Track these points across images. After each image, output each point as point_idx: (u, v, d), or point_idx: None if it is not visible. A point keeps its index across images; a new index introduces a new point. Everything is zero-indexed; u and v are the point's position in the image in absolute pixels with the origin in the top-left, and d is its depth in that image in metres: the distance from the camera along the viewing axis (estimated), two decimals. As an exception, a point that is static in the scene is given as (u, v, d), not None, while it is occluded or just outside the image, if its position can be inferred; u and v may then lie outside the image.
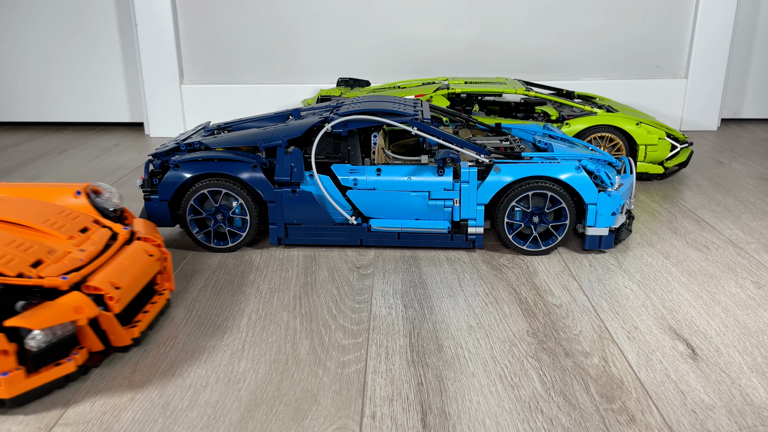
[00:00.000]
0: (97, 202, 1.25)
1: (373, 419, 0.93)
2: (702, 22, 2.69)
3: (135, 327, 1.10)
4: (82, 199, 1.25)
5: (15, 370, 0.93)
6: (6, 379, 0.92)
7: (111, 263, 1.09)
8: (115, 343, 1.07)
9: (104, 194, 1.28)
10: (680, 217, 1.74)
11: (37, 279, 0.98)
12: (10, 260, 0.99)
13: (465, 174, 1.46)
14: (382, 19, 2.74)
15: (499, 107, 2.21)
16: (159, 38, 2.71)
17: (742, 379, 1.02)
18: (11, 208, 1.14)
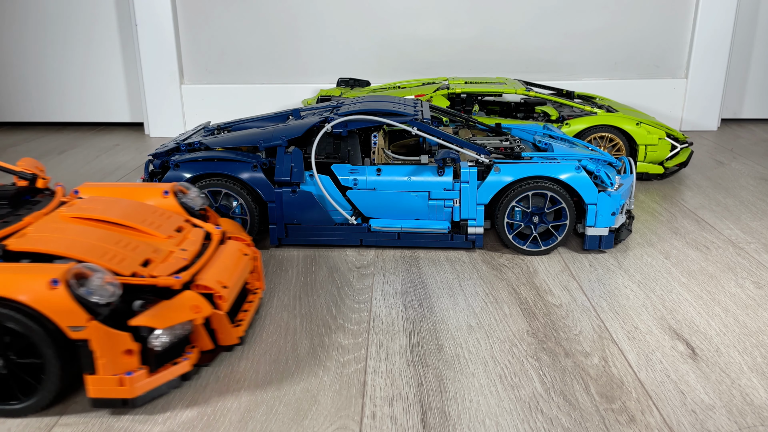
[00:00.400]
0: (185, 202, 1.24)
1: (373, 419, 0.93)
2: (702, 22, 2.69)
3: (240, 326, 1.10)
4: (170, 198, 1.23)
5: (138, 370, 0.92)
6: (131, 379, 0.91)
7: (213, 262, 1.08)
8: (223, 342, 1.05)
9: (190, 194, 1.26)
10: (680, 217, 1.74)
11: (150, 278, 0.97)
12: (122, 260, 0.98)
13: (465, 174, 1.46)
14: (382, 19, 2.74)
15: (499, 107, 2.21)
16: (159, 38, 2.71)
17: (742, 379, 1.02)
18: (109, 207, 1.12)
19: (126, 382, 0.91)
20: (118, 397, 0.92)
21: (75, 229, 1.04)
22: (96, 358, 0.89)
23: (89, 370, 0.90)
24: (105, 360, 0.90)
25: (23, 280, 0.88)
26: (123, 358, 0.90)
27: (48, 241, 0.99)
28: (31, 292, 0.87)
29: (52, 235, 1.01)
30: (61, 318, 0.87)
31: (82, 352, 0.89)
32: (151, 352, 0.93)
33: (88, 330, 0.88)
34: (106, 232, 1.05)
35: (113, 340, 0.89)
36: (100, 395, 0.92)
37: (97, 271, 0.91)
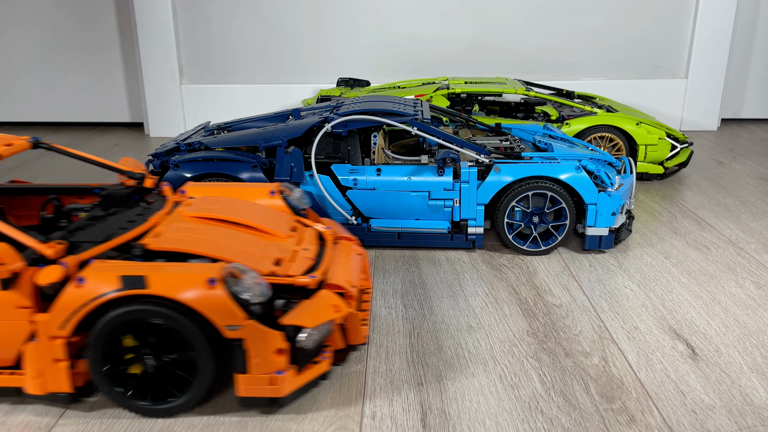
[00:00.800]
0: (290, 202, 1.23)
1: (373, 419, 0.93)
2: (702, 22, 2.69)
3: (365, 325, 1.09)
4: (277, 199, 1.22)
5: (287, 369, 0.92)
6: (282, 378, 0.91)
7: (335, 262, 1.07)
8: (352, 341, 1.04)
9: (294, 194, 1.25)
10: (680, 217, 1.74)
11: (287, 277, 0.97)
12: (258, 259, 0.98)
13: (465, 174, 1.46)
14: (382, 19, 2.74)
15: (499, 107, 2.21)
16: (159, 38, 2.71)
17: (742, 379, 1.02)
18: (226, 208, 1.11)
19: (277, 381, 0.91)
20: (267, 396, 0.92)
21: (206, 229, 1.03)
22: (249, 357, 0.89)
23: (241, 369, 0.90)
24: (258, 359, 0.89)
25: (183, 280, 0.87)
26: (274, 357, 0.90)
27: (185, 240, 0.98)
28: (191, 291, 0.87)
29: (186, 235, 1.00)
30: (219, 317, 0.87)
31: (236, 351, 0.89)
32: (300, 351, 0.92)
33: (243, 329, 0.87)
34: (236, 232, 1.04)
35: (266, 340, 0.89)
36: (249, 394, 0.92)
37: (248, 271, 0.91)
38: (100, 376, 0.91)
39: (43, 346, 0.90)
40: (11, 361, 0.93)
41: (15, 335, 0.91)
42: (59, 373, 0.91)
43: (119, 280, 0.87)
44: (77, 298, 0.87)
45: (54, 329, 0.88)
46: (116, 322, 0.88)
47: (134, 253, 0.96)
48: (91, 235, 1.00)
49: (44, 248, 0.91)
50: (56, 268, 0.88)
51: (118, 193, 1.14)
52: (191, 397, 0.91)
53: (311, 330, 0.91)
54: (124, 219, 1.07)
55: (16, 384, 0.94)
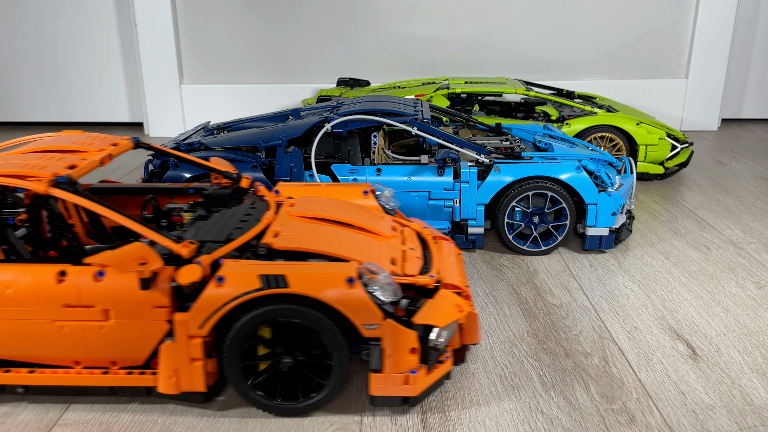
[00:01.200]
0: (381, 201, 1.22)
1: (373, 419, 0.93)
2: (702, 22, 2.69)
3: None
4: (370, 198, 1.22)
5: (419, 369, 0.92)
6: (414, 377, 0.91)
7: (442, 261, 1.06)
8: (467, 341, 1.03)
9: (385, 194, 1.24)
10: (680, 217, 1.74)
11: (408, 277, 0.96)
12: (377, 259, 0.97)
13: (465, 174, 1.46)
14: (382, 19, 2.74)
15: (499, 107, 2.20)
16: (159, 38, 2.71)
17: (742, 379, 1.02)
18: (329, 208, 1.11)
19: (410, 380, 0.91)
20: (401, 395, 0.92)
21: (319, 229, 1.03)
22: (385, 356, 0.89)
23: (376, 368, 0.90)
24: (393, 358, 0.89)
25: (322, 279, 0.87)
26: (408, 356, 0.90)
27: (306, 240, 0.98)
28: (331, 290, 0.87)
29: (304, 234, 1.00)
30: (358, 316, 0.87)
31: (372, 350, 0.89)
32: (432, 350, 0.92)
33: (381, 328, 0.88)
34: (348, 232, 1.04)
35: (402, 339, 0.89)
36: (383, 393, 0.92)
37: (381, 271, 0.91)
38: (237, 376, 0.90)
39: (181, 346, 0.89)
40: (142, 360, 0.93)
41: (150, 335, 0.91)
42: (195, 372, 0.91)
43: (259, 279, 0.87)
44: (218, 298, 0.87)
45: (193, 328, 0.88)
46: (257, 321, 0.87)
47: (259, 252, 0.95)
48: (211, 234, 1.00)
49: (179, 248, 0.90)
50: (196, 268, 0.88)
51: (219, 193, 1.14)
52: (325, 395, 0.91)
53: (442, 329, 0.91)
54: (235, 219, 1.07)
55: (146, 384, 0.94)
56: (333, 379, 0.91)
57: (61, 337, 0.91)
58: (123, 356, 0.93)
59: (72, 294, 0.89)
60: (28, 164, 0.96)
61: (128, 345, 0.92)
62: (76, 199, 0.90)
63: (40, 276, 0.90)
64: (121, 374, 0.94)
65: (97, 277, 0.89)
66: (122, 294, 0.89)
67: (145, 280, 0.87)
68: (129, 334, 0.91)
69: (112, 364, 0.94)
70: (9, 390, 0.95)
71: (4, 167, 0.95)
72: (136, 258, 0.86)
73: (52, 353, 0.93)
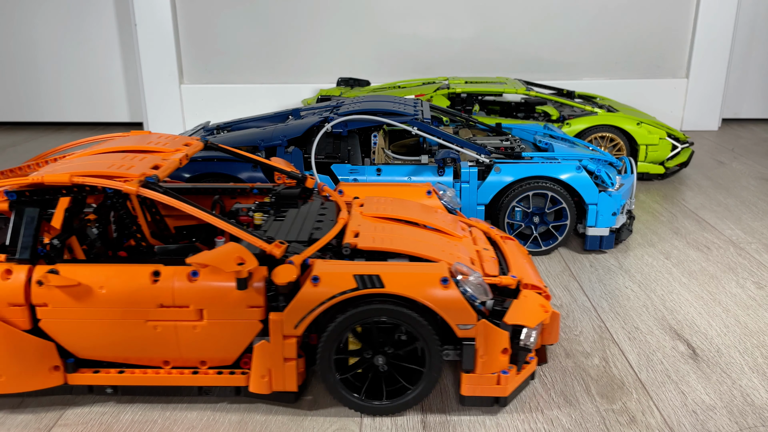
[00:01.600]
0: (444, 202, 1.22)
1: (373, 419, 0.93)
2: (702, 22, 2.68)
3: None
4: (434, 198, 1.21)
5: (509, 369, 0.92)
6: (506, 378, 0.91)
7: (516, 261, 1.05)
8: (546, 341, 1.03)
9: (447, 194, 1.24)
10: (681, 217, 1.74)
11: (489, 277, 0.95)
12: (457, 259, 0.97)
13: (465, 174, 1.45)
14: (382, 19, 2.73)
15: (500, 107, 2.20)
16: (159, 38, 2.71)
17: (743, 379, 1.01)
18: (399, 208, 1.10)
19: (502, 380, 0.91)
20: (492, 395, 0.92)
21: (396, 229, 1.02)
22: (477, 356, 0.89)
23: (468, 368, 0.90)
24: (485, 358, 0.89)
25: (417, 279, 0.87)
26: (500, 356, 0.90)
27: (387, 240, 0.97)
28: (427, 290, 0.87)
29: (383, 234, 0.99)
30: (453, 316, 0.87)
31: (465, 350, 0.89)
32: (522, 350, 0.92)
33: (475, 328, 0.88)
34: (423, 232, 1.03)
35: (495, 339, 0.89)
36: (474, 393, 0.92)
37: (473, 272, 0.91)
38: (329, 375, 0.90)
39: (275, 346, 0.89)
40: (232, 360, 0.93)
41: (243, 335, 0.91)
42: (289, 372, 0.91)
43: (354, 279, 0.87)
44: (314, 298, 0.87)
45: (288, 328, 0.88)
46: (353, 321, 0.87)
47: (344, 252, 0.95)
48: (293, 234, 1.00)
49: (272, 248, 0.90)
50: (292, 268, 0.87)
51: (289, 193, 1.14)
52: (417, 394, 0.91)
53: (532, 330, 0.91)
54: (311, 219, 1.07)
55: (237, 383, 0.93)
56: (425, 378, 0.91)
57: (153, 337, 0.91)
58: (214, 356, 0.93)
59: (167, 294, 0.89)
60: (114, 164, 0.95)
61: (220, 345, 0.91)
62: (166, 199, 0.89)
63: (135, 276, 0.90)
64: (211, 374, 0.93)
65: (191, 278, 0.89)
66: (217, 294, 0.89)
67: (242, 280, 0.86)
68: (222, 333, 0.91)
69: (201, 364, 0.94)
70: (98, 390, 0.95)
71: (91, 167, 0.94)
72: (235, 258, 0.86)
73: (142, 353, 0.93)
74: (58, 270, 0.89)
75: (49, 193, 0.92)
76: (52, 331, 0.91)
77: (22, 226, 0.91)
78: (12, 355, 0.90)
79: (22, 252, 0.90)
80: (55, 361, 0.92)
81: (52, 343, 0.92)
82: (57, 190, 0.92)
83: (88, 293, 0.89)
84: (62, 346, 0.92)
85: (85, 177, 0.90)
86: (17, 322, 0.90)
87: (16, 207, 0.92)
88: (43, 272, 0.88)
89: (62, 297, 0.89)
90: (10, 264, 0.90)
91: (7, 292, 0.89)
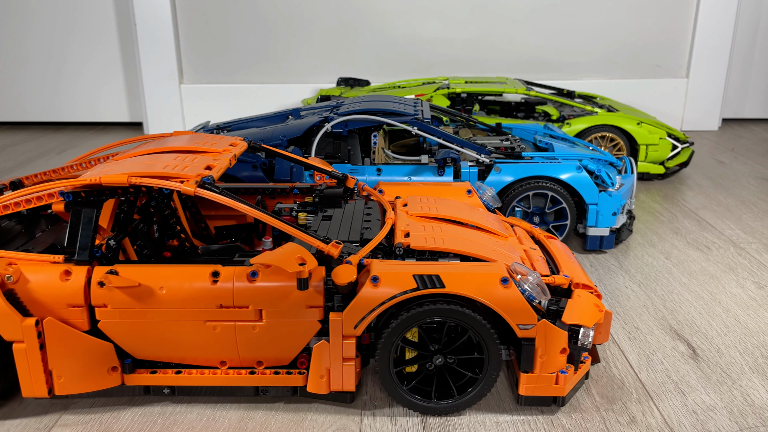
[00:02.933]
0: (484, 201, 1.22)
1: (373, 419, 0.92)
2: (703, 22, 2.68)
3: None
4: (474, 197, 1.21)
5: (567, 368, 0.91)
6: (564, 377, 0.91)
7: (565, 261, 1.05)
8: (597, 341, 1.02)
9: (487, 193, 1.24)
10: (681, 217, 1.73)
11: (545, 277, 0.95)
12: (508, 259, 0.96)
13: (465, 174, 1.45)
14: (381, 19, 2.73)
15: (500, 107, 2.20)
16: (158, 38, 2.71)
17: (743, 379, 1.01)
18: (444, 207, 1.10)
19: (560, 380, 0.91)
20: (550, 395, 0.92)
21: (445, 228, 1.02)
22: (537, 356, 0.89)
23: (527, 368, 0.90)
24: (545, 358, 0.89)
25: (478, 279, 0.87)
26: (558, 356, 0.90)
27: (439, 239, 0.97)
28: (487, 291, 0.87)
29: (434, 234, 0.99)
30: (514, 317, 0.87)
31: (525, 350, 0.89)
32: (579, 350, 0.92)
33: (535, 328, 0.87)
34: (472, 231, 1.03)
35: (555, 339, 0.88)
36: (532, 393, 0.92)
37: (531, 272, 0.90)
38: (388, 375, 0.91)
39: (334, 346, 0.89)
40: (288, 360, 0.93)
41: (302, 335, 0.90)
42: (348, 371, 0.91)
43: (414, 279, 0.86)
44: (375, 298, 0.86)
45: (348, 328, 0.88)
46: (413, 321, 0.87)
47: (397, 252, 0.95)
48: (343, 234, 1.00)
49: (329, 248, 0.89)
50: (352, 268, 0.87)
51: (332, 193, 1.14)
52: (476, 393, 0.91)
53: (590, 329, 0.90)
54: (359, 219, 1.07)
55: (294, 383, 0.93)
56: (485, 376, 0.91)
57: (212, 337, 0.91)
58: (271, 356, 0.93)
59: (227, 295, 0.89)
60: (168, 165, 0.94)
61: (279, 345, 0.91)
62: (223, 199, 0.88)
63: (195, 277, 0.89)
64: (269, 374, 0.93)
65: (251, 278, 0.89)
66: (278, 294, 0.89)
67: (304, 281, 0.86)
68: (281, 334, 0.91)
69: (258, 364, 0.94)
70: (155, 391, 0.95)
71: (146, 168, 0.93)
72: (297, 258, 0.86)
73: (200, 354, 0.93)
74: (117, 271, 0.88)
75: (105, 194, 0.91)
76: (110, 331, 0.91)
77: (80, 226, 0.90)
78: (72, 356, 0.90)
79: (81, 253, 0.90)
80: (113, 361, 0.92)
81: (111, 344, 0.91)
82: (113, 191, 0.91)
83: (148, 294, 0.89)
84: (120, 346, 0.92)
85: (142, 178, 0.89)
86: (76, 323, 0.89)
87: (73, 208, 0.91)
88: (103, 273, 0.88)
89: (122, 298, 0.89)
90: (69, 265, 0.89)
91: (67, 293, 0.88)
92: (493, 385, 0.91)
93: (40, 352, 0.88)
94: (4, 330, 0.87)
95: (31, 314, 0.89)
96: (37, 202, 0.93)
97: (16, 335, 0.88)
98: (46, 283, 0.88)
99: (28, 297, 0.88)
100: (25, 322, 0.87)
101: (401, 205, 1.11)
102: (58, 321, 0.88)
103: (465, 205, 1.15)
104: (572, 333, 0.90)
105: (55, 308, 0.89)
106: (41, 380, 0.90)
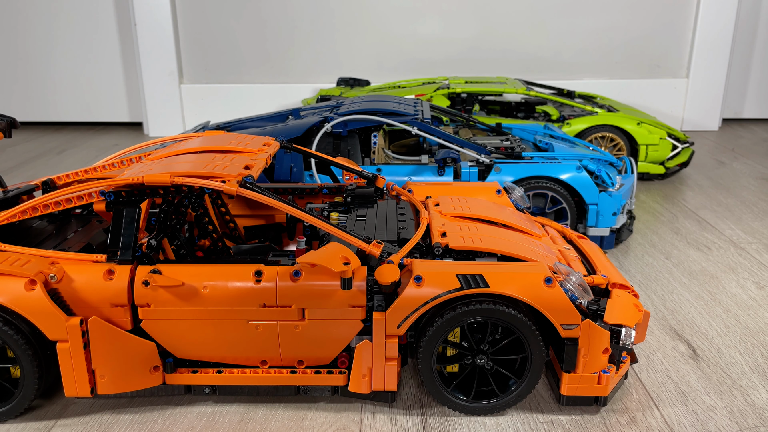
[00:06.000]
0: (513, 201, 1.22)
1: (373, 420, 0.92)
2: (703, 22, 2.68)
3: None
4: (503, 197, 1.21)
5: (608, 368, 0.91)
6: (606, 377, 0.91)
7: (600, 261, 1.04)
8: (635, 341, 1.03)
9: (516, 193, 1.23)
10: (681, 217, 1.73)
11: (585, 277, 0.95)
12: (545, 258, 0.96)
13: (465, 174, 1.45)
14: (381, 19, 2.73)
15: (500, 107, 2.20)
16: (158, 38, 2.71)
17: (743, 379, 1.01)
18: (476, 207, 1.09)
19: (603, 380, 0.91)
20: (593, 395, 0.92)
21: (481, 228, 1.02)
22: (579, 356, 0.89)
23: (569, 368, 0.90)
24: (587, 358, 0.89)
25: (521, 279, 0.87)
26: (601, 356, 0.90)
27: (477, 239, 0.97)
28: (532, 291, 0.86)
29: (471, 234, 0.99)
30: (558, 316, 0.87)
31: (568, 350, 0.89)
32: (620, 349, 0.92)
33: (579, 328, 0.87)
34: (507, 231, 1.03)
35: (598, 339, 0.88)
36: (574, 393, 0.92)
37: (573, 272, 0.90)
38: (430, 375, 0.91)
39: (377, 345, 0.89)
40: (329, 359, 0.93)
41: (344, 334, 0.90)
42: (390, 371, 0.90)
43: (458, 279, 0.86)
44: (418, 298, 0.86)
45: (391, 328, 0.88)
46: (457, 321, 0.87)
47: (436, 252, 0.95)
48: (380, 234, 1.01)
49: (371, 248, 0.89)
50: (395, 267, 0.87)
51: (364, 193, 1.14)
52: (518, 393, 0.91)
53: (632, 329, 0.90)
54: (394, 219, 1.07)
55: (335, 383, 0.93)
56: (528, 376, 0.91)
57: (254, 336, 0.91)
58: (313, 355, 0.92)
59: (270, 294, 0.89)
60: (209, 164, 0.94)
61: (321, 344, 0.91)
62: (265, 199, 0.88)
63: (238, 276, 0.89)
64: (310, 374, 0.93)
65: (294, 277, 0.89)
66: (321, 294, 0.88)
67: (347, 280, 0.86)
68: (323, 333, 0.90)
69: (298, 363, 0.93)
70: (196, 390, 0.95)
71: (187, 168, 0.93)
72: (341, 258, 0.86)
73: (242, 353, 0.92)
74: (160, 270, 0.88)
75: (147, 194, 0.91)
76: (153, 331, 0.91)
77: (123, 226, 0.90)
78: (115, 356, 0.90)
79: (124, 252, 0.89)
80: (155, 361, 0.92)
81: (153, 344, 0.91)
82: (155, 191, 0.91)
83: (191, 293, 0.89)
84: (162, 346, 0.92)
85: (185, 177, 0.89)
86: (120, 322, 0.89)
87: (115, 207, 0.91)
88: (147, 273, 0.87)
89: (166, 297, 0.89)
90: (112, 264, 0.89)
91: (111, 292, 0.88)
92: (535, 385, 0.91)
93: (84, 351, 0.88)
94: (48, 329, 0.87)
95: (75, 314, 0.88)
96: (78, 201, 0.93)
97: (60, 334, 0.87)
98: (89, 283, 0.88)
99: (72, 296, 0.88)
100: (70, 322, 0.87)
101: (433, 205, 1.10)
102: (103, 320, 0.88)
103: (496, 204, 1.14)
104: (613, 333, 0.89)
105: (99, 307, 0.89)
106: (84, 380, 0.89)
